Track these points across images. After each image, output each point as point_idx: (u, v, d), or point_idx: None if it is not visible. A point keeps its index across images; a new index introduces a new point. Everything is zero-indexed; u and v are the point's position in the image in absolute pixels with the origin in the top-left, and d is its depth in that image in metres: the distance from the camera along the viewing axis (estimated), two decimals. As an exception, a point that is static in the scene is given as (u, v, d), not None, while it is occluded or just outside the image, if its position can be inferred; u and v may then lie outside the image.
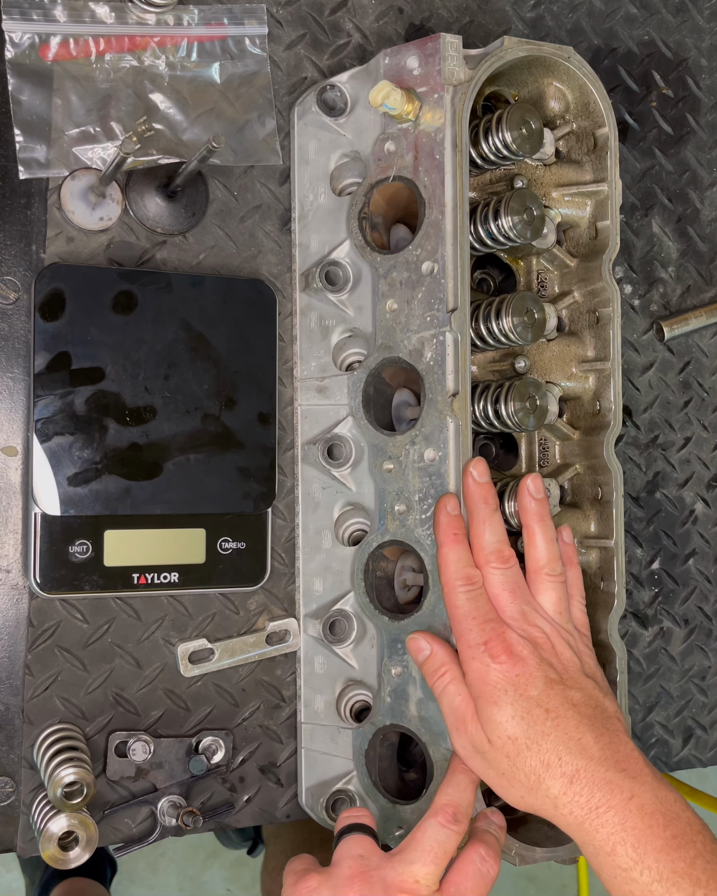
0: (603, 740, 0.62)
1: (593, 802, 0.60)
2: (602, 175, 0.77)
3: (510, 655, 0.63)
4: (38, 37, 0.70)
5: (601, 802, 0.60)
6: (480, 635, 0.64)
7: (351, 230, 0.74)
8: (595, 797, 0.60)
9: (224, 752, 0.75)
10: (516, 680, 0.63)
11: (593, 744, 0.61)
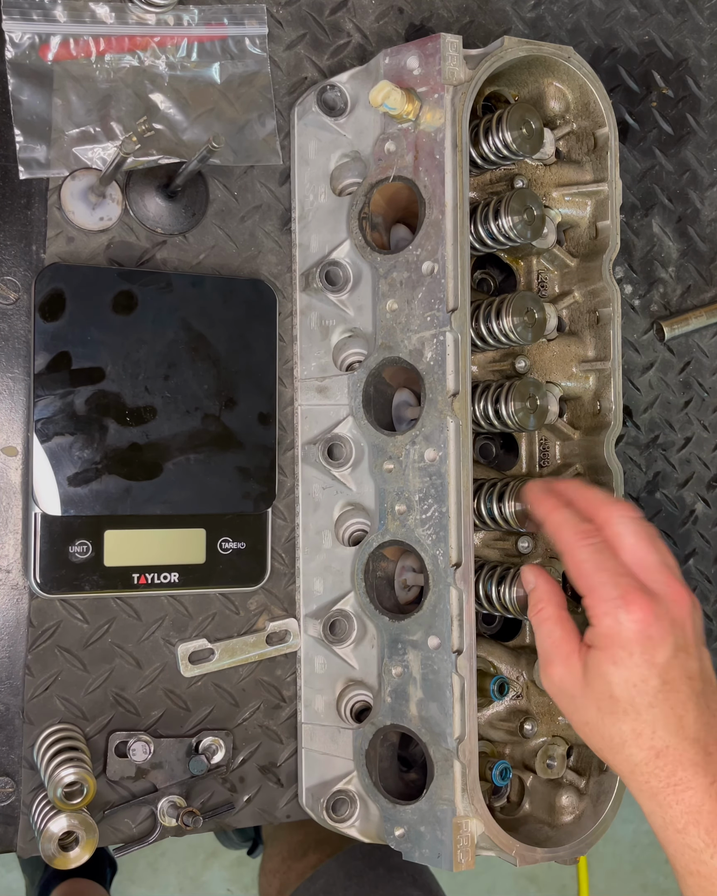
0: (703, 719, 0.61)
1: (675, 780, 0.60)
2: (602, 175, 0.77)
3: (648, 613, 0.60)
4: (38, 37, 0.70)
5: (681, 780, 0.59)
6: (614, 589, 0.61)
7: (351, 230, 0.74)
8: (677, 775, 0.60)
9: (224, 752, 0.75)
10: (648, 642, 0.60)
11: (693, 722, 0.60)
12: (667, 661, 0.61)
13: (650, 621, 0.61)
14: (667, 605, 0.62)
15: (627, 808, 0.73)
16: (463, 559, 0.68)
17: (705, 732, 0.61)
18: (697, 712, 0.61)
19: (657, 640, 0.61)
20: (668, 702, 0.60)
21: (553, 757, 0.77)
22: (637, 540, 0.64)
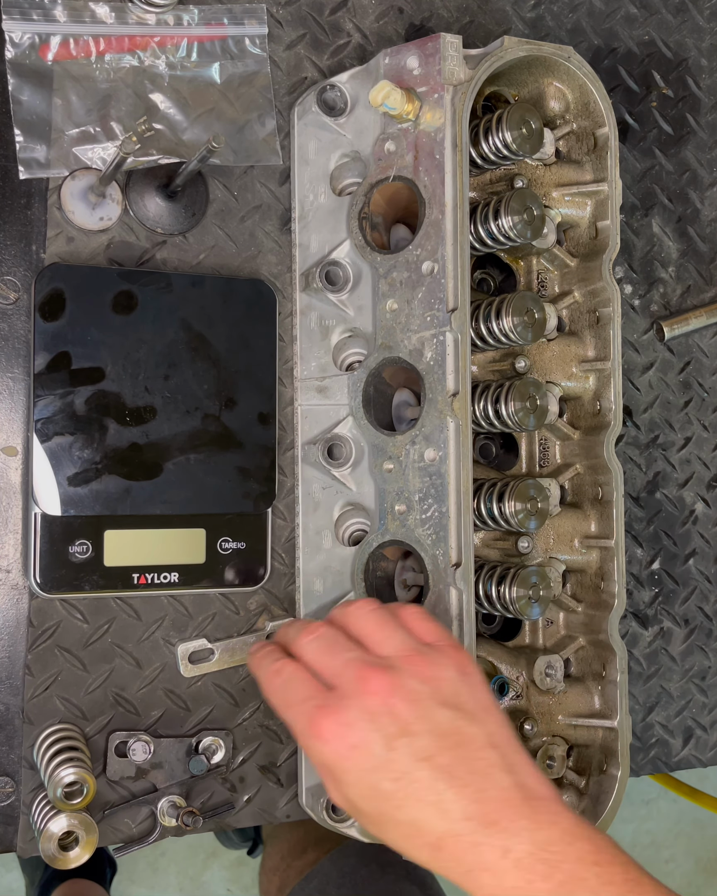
0: (467, 792, 0.55)
1: (465, 867, 0.54)
2: (602, 175, 0.77)
3: (338, 728, 0.56)
4: (38, 37, 0.70)
5: (473, 865, 0.54)
6: (301, 720, 0.58)
7: (351, 230, 0.74)
8: (466, 862, 0.54)
9: (224, 752, 0.75)
10: (352, 754, 0.56)
11: (454, 803, 0.54)
12: (383, 759, 0.55)
13: (342, 734, 0.56)
14: (359, 702, 0.56)
15: (627, 808, 0.73)
16: (463, 559, 0.68)
17: (477, 805, 0.54)
18: (455, 789, 0.55)
19: (360, 746, 0.56)
20: (412, 796, 0.55)
21: (553, 757, 0.77)
22: (319, 652, 0.60)
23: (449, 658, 0.59)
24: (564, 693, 0.79)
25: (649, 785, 2.06)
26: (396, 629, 0.61)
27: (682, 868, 2.18)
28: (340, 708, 0.56)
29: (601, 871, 0.53)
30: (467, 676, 0.59)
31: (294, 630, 0.63)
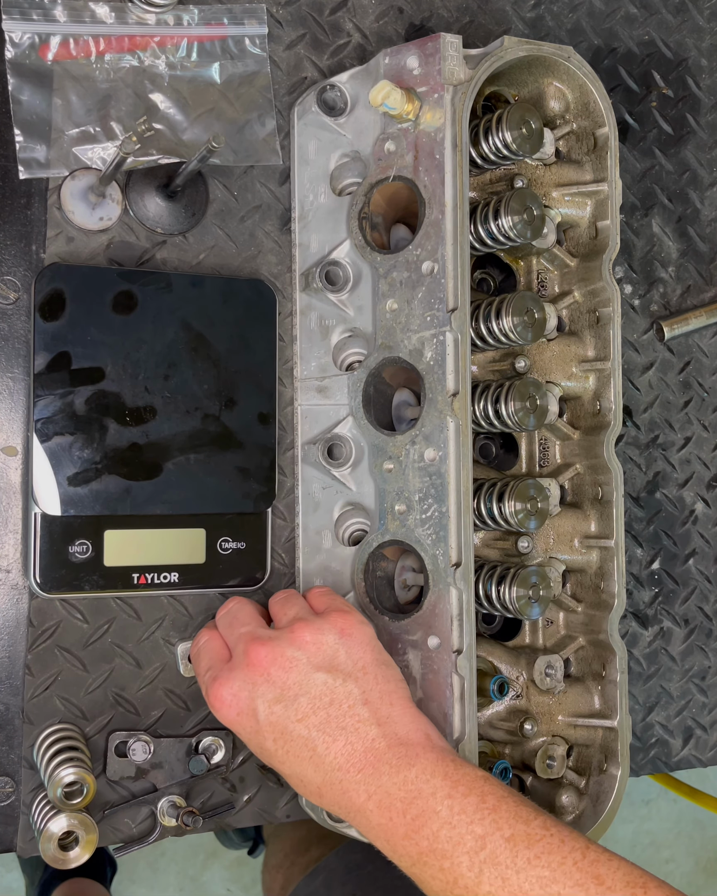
0: (336, 746, 0.62)
1: (343, 811, 0.62)
2: (602, 175, 0.77)
3: (226, 697, 0.64)
4: (38, 37, 0.70)
5: (348, 809, 0.61)
6: (203, 688, 0.67)
7: (351, 230, 0.74)
8: (342, 806, 0.62)
9: (224, 752, 0.75)
10: (239, 719, 0.64)
11: (325, 755, 0.62)
12: (264, 722, 0.63)
13: (229, 702, 0.64)
14: (243, 673, 0.64)
15: (627, 808, 0.73)
16: (463, 559, 0.68)
17: (344, 755, 0.61)
18: (326, 743, 0.62)
19: (244, 713, 0.64)
20: (291, 753, 0.63)
21: (553, 757, 0.77)
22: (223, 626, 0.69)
23: (331, 623, 0.66)
24: (564, 693, 0.79)
25: (649, 785, 2.06)
26: (293, 605, 0.69)
27: (682, 868, 2.18)
28: (227, 679, 0.65)
29: (453, 802, 0.59)
30: (347, 638, 0.65)
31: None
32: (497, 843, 0.57)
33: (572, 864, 0.55)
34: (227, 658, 0.67)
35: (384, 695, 0.64)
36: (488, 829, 0.57)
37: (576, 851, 0.56)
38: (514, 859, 0.56)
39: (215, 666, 0.66)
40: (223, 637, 0.69)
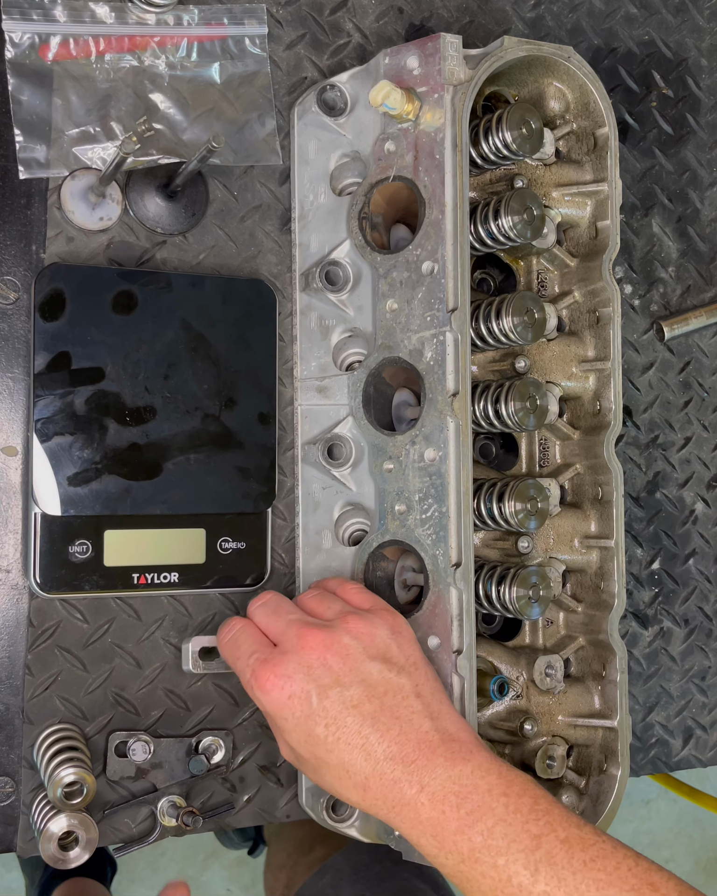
0: (390, 735, 0.61)
1: (389, 803, 0.61)
2: (602, 175, 0.77)
3: (277, 679, 0.63)
4: (38, 37, 0.70)
5: (395, 802, 0.60)
6: (246, 672, 0.65)
7: (351, 230, 0.74)
8: (389, 798, 0.61)
9: (224, 752, 0.75)
10: (290, 703, 0.63)
11: (378, 745, 0.61)
12: (317, 707, 0.62)
13: (280, 685, 0.63)
14: (298, 657, 0.63)
15: (627, 808, 0.73)
16: (463, 559, 0.68)
17: (398, 745, 0.61)
18: (379, 732, 0.61)
19: (297, 696, 0.62)
20: (342, 740, 0.62)
21: (553, 757, 0.77)
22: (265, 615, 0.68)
23: (383, 619, 0.66)
24: (564, 693, 0.79)
25: (649, 785, 2.06)
26: (335, 601, 0.68)
27: (682, 868, 2.18)
28: (280, 661, 0.63)
29: (508, 801, 0.59)
30: (397, 635, 0.66)
31: (252, 601, 0.71)
32: (553, 844, 0.57)
33: (627, 869, 0.56)
34: (270, 644, 0.66)
35: (435, 691, 0.64)
36: (544, 829, 0.57)
37: (629, 859, 0.57)
38: (570, 860, 0.56)
39: (261, 650, 0.65)
40: (264, 625, 0.68)
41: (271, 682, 0.63)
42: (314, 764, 0.64)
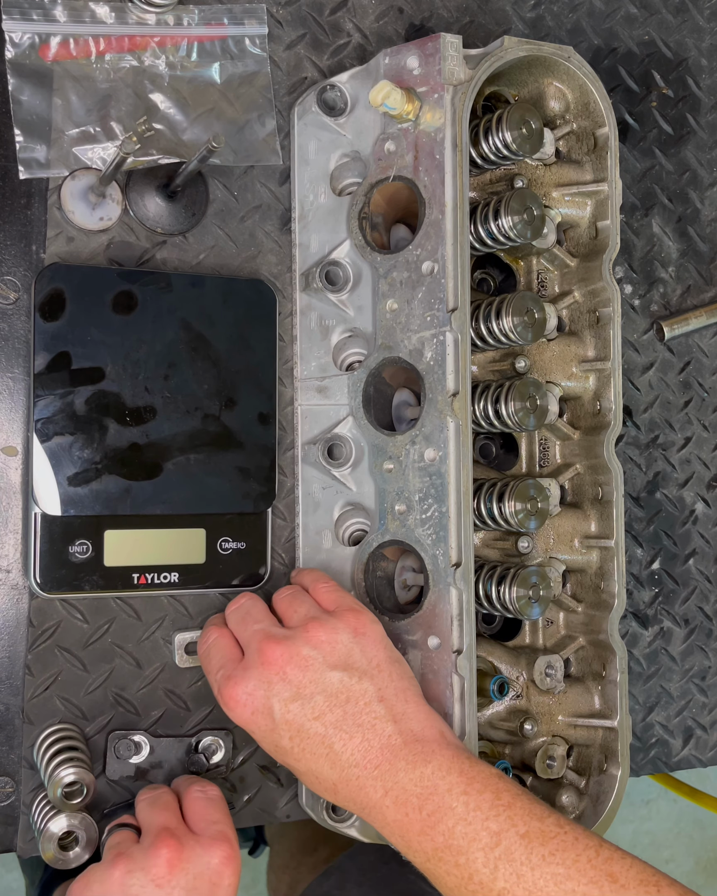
0: (353, 743, 0.62)
1: (358, 807, 0.62)
2: (602, 175, 0.77)
3: (240, 696, 0.64)
4: (38, 37, 0.70)
5: (363, 805, 0.62)
6: (214, 687, 0.67)
7: (351, 230, 0.74)
8: (357, 802, 0.62)
9: (224, 752, 0.75)
10: (254, 718, 0.64)
11: (342, 753, 0.62)
12: (280, 720, 0.63)
13: (244, 701, 0.64)
14: (258, 672, 0.64)
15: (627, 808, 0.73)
16: (463, 559, 0.68)
17: (361, 752, 0.62)
18: (343, 740, 0.62)
19: (260, 711, 0.64)
20: (307, 750, 0.63)
21: (553, 757, 0.77)
22: (234, 623, 0.69)
23: (345, 623, 0.66)
24: (564, 693, 0.79)
25: (649, 785, 2.06)
26: (302, 603, 0.68)
27: (682, 868, 2.18)
28: (242, 678, 0.64)
29: (469, 798, 0.59)
30: (361, 637, 0.66)
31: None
32: (512, 840, 0.57)
33: (586, 861, 0.56)
34: (238, 657, 0.67)
35: (399, 692, 0.64)
36: (503, 825, 0.58)
37: (590, 849, 0.57)
38: (529, 856, 0.56)
39: (227, 665, 0.66)
40: (234, 633, 0.68)
41: (235, 698, 0.64)
42: (290, 769, 0.66)
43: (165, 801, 0.67)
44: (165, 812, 0.66)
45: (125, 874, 0.61)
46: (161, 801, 0.67)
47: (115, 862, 0.62)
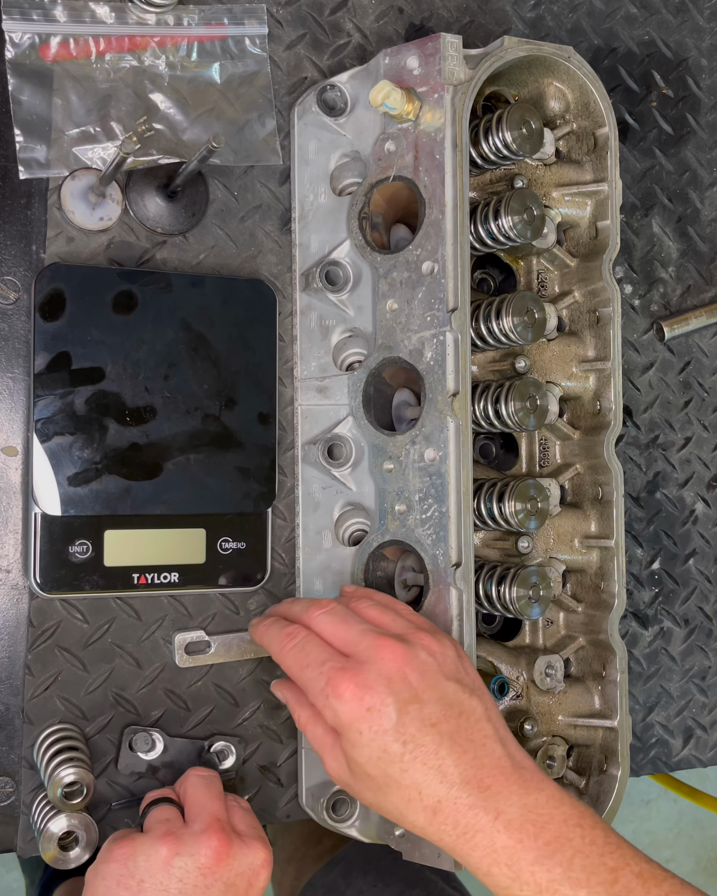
0: (466, 758, 0.59)
1: (460, 829, 0.58)
2: (602, 175, 0.77)
3: (356, 689, 0.59)
4: (38, 37, 0.70)
5: (467, 828, 0.58)
6: (319, 680, 0.61)
7: (351, 230, 0.74)
8: (461, 824, 0.58)
9: (235, 758, 0.75)
10: (368, 715, 0.59)
11: (454, 767, 0.58)
12: (397, 722, 0.59)
13: (360, 695, 0.59)
14: (376, 667, 0.60)
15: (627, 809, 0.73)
16: (463, 559, 0.68)
17: (474, 769, 0.59)
18: (455, 755, 0.59)
19: (376, 708, 0.59)
20: (418, 759, 0.59)
21: (553, 757, 0.77)
22: (333, 623, 0.64)
23: (449, 640, 0.64)
24: (564, 693, 0.79)
25: (649, 785, 2.06)
26: (396, 615, 0.65)
27: (682, 868, 2.18)
28: (358, 671, 0.60)
29: (584, 832, 0.58)
30: (463, 657, 0.64)
31: (301, 606, 0.67)
32: (630, 878, 0.56)
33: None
34: (341, 654, 0.62)
35: (499, 717, 0.63)
36: (619, 862, 0.57)
37: (699, 894, 0.57)
38: (646, 895, 0.56)
39: (334, 658, 0.62)
40: (330, 633, 0.64)
41: (350, 690, 0.59)
42: (382, 782, 0.60)
43: (218, 788, 0.66)
44: (219, 802, 0.65)
45: (173, 855, 0.60)
46: (215, 787, 0.66)
47: (163, 840, 0.61)
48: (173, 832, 0.62)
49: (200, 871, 0.60)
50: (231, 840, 0.62)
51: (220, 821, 0.63)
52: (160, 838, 0.61)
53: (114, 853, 0.62)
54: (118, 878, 0.61)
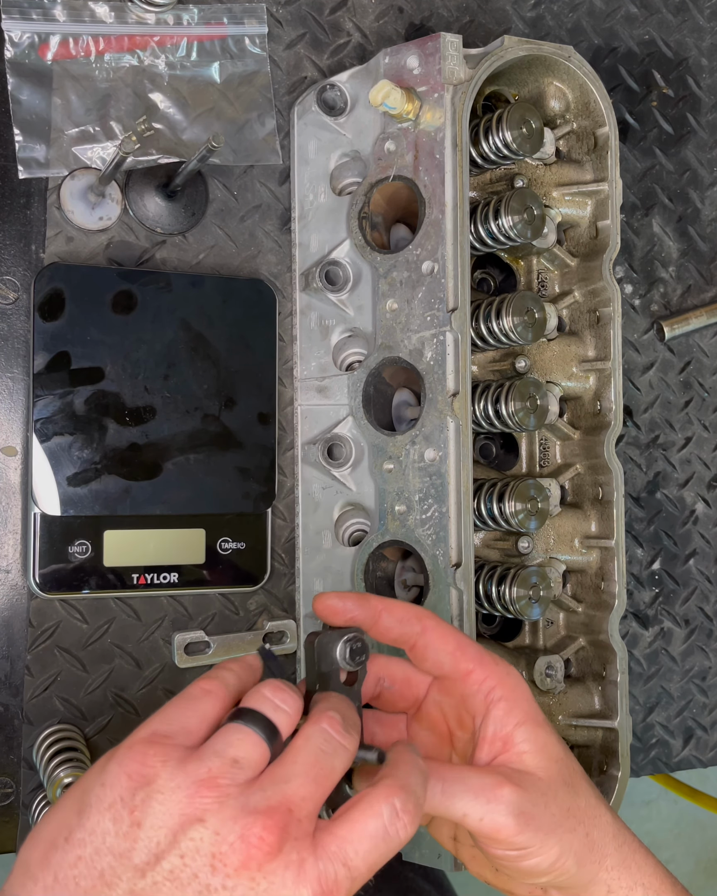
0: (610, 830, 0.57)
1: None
2: (603, 174, 0.77)
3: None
4: (37, 36, 0.70)
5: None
6: None
7: (351, 230, 0.74)
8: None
9: None
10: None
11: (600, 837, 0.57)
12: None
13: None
14: None
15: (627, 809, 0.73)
16: (463, 559, 0.68)
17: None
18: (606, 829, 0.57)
19: None
20: (581, 827, 0.55)
21: (553, 757, 0.77)
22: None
23: None
24: (564, 693, 0.78)
25: (649, 785, 2.06)
26: None
27: (682, 868, 2.18)
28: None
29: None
30: None
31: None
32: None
33: None
34: None
35: None
36: None
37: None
38: None
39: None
40: None
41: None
42: None
43: (344, 766, 0.48)
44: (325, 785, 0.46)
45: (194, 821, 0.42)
46: (341, 760, 0.47)
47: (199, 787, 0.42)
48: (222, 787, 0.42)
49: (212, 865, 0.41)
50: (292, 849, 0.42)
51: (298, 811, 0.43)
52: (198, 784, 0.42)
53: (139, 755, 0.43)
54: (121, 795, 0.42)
